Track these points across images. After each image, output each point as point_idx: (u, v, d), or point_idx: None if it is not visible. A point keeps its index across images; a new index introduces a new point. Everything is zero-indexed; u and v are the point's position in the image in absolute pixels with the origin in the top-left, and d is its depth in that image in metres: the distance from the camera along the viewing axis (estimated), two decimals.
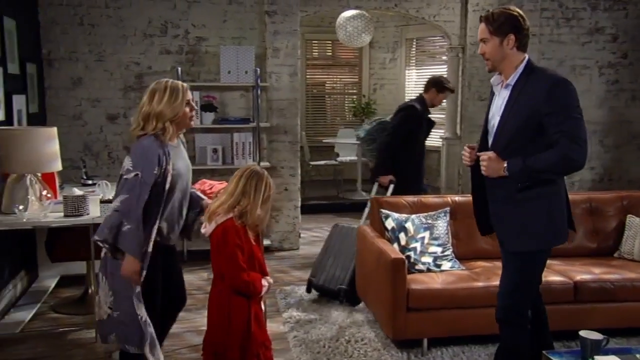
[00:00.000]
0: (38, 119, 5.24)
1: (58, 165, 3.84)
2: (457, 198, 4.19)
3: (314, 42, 10.05)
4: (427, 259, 3.80)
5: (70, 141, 5.58)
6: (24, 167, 3.68)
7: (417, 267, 3.77)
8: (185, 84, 2.97)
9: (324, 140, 8.93)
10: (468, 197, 4.14)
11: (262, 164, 5.72)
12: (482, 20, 2.74)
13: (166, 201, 2.85)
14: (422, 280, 3.60)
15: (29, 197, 3.78)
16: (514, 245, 2.79)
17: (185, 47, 5.74)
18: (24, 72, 4.92)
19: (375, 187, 5.12)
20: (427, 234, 3.87)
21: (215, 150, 5.64)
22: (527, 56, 2.76)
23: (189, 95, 2.94)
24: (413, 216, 3.95)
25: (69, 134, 5.58)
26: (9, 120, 4.49)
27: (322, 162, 8.87)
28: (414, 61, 9.78)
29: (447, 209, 4.05)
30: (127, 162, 2.80)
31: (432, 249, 3.84)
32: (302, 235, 6.50)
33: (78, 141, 5.62)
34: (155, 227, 2.81)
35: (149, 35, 5.66)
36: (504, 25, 2.68)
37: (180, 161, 2.95)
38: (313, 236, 6.68)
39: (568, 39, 6.51)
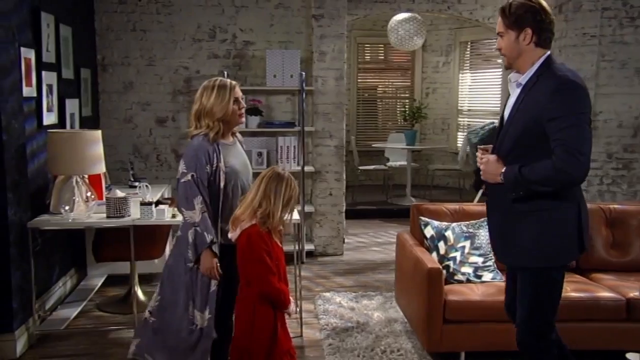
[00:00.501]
0: (91, 122, 5.40)
1: (102, 168, 3.94)
2: None
3: (366, 45, 9.99)
4: (467, 270, 3.68)
5: (120, 144, 5.74)
6: (69, 169, 3.79)
7: (456, 278, 3.65)
8: (234, 82, 3.00)
9: (373, 145, 8.84)
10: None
11: (306, 168, 5.71)
12: (499, 13, 2.54)
13: (224, 200, 2.89)
14: (460, 291, 3.49)
15: (74, 198, 3.89)
16: (508, 260, 2.64)
17: (233, 51, 5.80)
18: (78, 77, 5.09)
19: (479, 195, 4.99)
20: (467, 243, 3.75)
21: (260, 154, 5.67)
22: (547, 53, 2.51)
23: (238, 92, 2.97)
24: (454, 224, 3.84)
25: (119, 137, 5.74)
26: (61, 123, 4.65)
27: (372, 167, 8.79)
28: (468, 65, 9.57)
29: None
30: (181, 166, 2.86)
31: (472, 259, 3.72)
32: (347, 240, 6.45)
33: (128, 144, 5.76)
34: (218, 227, 2.86)
35: (198, 40, 5.75)
36: (521, 18, 2.45)
37: (234, 159, 2.98)
38: (359, 242, 6.62)
39: (632, 40, 6.19)
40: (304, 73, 5.58)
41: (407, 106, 9.19)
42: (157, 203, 4.00)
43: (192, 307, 2.90)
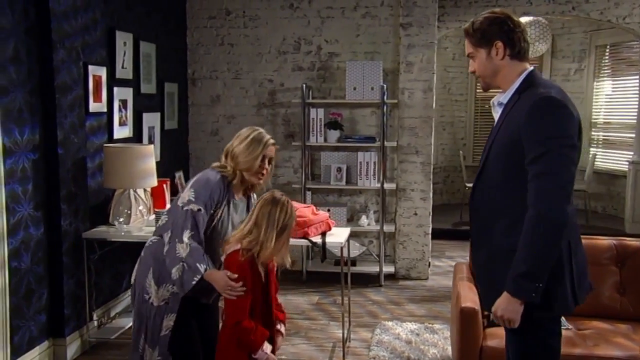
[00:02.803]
0: (176, 134, 5.58)
1: (153, 182, 3.99)
2: None
3: None
4: None
5: (207, 156, 5.86)
6: (119, 182, 3.89)
7: None
8: (271, 140, 2.80)
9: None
10: (593, 239, 3.45)
11: (387, 185, 5.41)
12: (464, 34, 2.23)
13: (207, 246, 2.68)
14: (503, 336, 3.01)
15: (127, 210, 3.99)
16: (489, 305, 2.16)
17: (317, 63, 5.68)
18: (162, 92, 5.27)
19: None
20: None
21: (339, 170, 5.47)
22: (529, 68, 2.18)
23: (270, 152, 2.78)
24: None
25: (206, 149, 5.87)
26: (138, 137, 4.84)
27: None
28: (607, 71, 8.57)
29: None
30: (189, 192, 2.66)
31: None
32: (437, 264, 6.04)
33: (214, 156, 5.80)
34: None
35: (283, 52, 5.71)
36: (488, 32, 2.15)
37: (236, 215, 2.80)
38: (451, 266, 6.15)
39: None
40: (385, 85, 5.29)
41: None
42: None
43: (143, 340, 2.74)
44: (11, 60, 3.43)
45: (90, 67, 4.06)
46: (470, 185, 8.00)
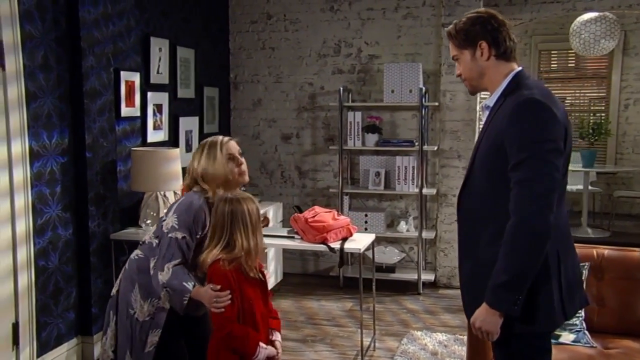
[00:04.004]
0: None
1: (178, 185, 4.04)
2: (606, 251, 3.21)
3: (552, 52, 8.93)
4: None
5: (248, 159, 5.82)
6: (143, 185, 3.97)
7: None
8: (226, 138, 2.71)
9: None
10: (626, 251, 3.19)
11: (426, 190, 5.25)
12: (447, 36, 2.15)
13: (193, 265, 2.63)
14: None
15: (153, 213, 4.06)
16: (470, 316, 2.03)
17: (357, 65, 5.59)
18: (201, 96, 5.36)
19: None
20: None
21: (377, 174, 5.35)
22: (516, 68, 2.06)
23: (232, 148, 2.70)
24: None
25: (247, 153, 5.81)
26: (174, 140, 4.94)
27: None
28: None
29: (588, 264, 3.13)
30: (173, 219, 2.59)
31: None
32: None
33: (256, 159, 5.90)
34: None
35: (323, 56, 5.66)
36: (471, 33, 2.05)
37: None
38: None
39: None
40: (424, 88, 5.14)
41: (586, 121, 7.94)
42: None
43: (128, 355, 2.69)
44: (40, 68, 3.57)
45: (122, 73, 4.17)
46: None
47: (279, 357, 2.53)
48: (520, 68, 2.08)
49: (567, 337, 2.95)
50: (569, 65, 9.01)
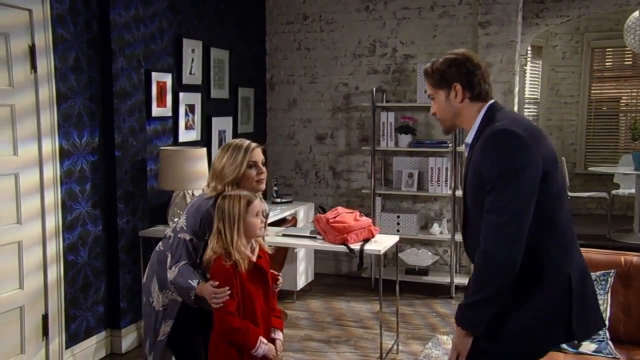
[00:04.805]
0: (250, 138, 5.68)
1: (204, 184, 4.09)
2: (635, 258, 3.04)
3: (607, 50, 8.57)
4: None
5: (283, 159, 5.94)
6: (169, 184, 4.05)
7: None
8: (253, 144, 2.75)
9: (589, 168, 7.54)
10: None
11: (459, 192, 5.13)
12: (424, 74, 2.17)
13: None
14: None
15: (179, 211, 4.13)
16: None
17: (392, 65, 5.54)
18: (235, 96, 5.43)
19: None
20: None
21: (410, 175, 5.28)
22: (488, 103, 2.07)
23: (256, 156, 2.71)
24: None
25: (282, 153, 5.94)
26: (207, 140, 5.02)
27: (585, 194, 7.45)
28: None
29: (613, 271, 2.98)
30: (183, 220, 2.67)
31: None
32: None
33: (290, 160, 5.93)
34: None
35: (358, 56, 5.63)
36: (446, 74, 2.07)
37: None
38: None
39: None
40: None
41: (639, 122, 7.58)
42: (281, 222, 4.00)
43: (148, 342, 2.78)
44: (72, 69, 3.71)
45: (154, 74, 4.28)
46: (574, 195, 7.34)
47: (278, 356, 2.54)
48: (492, 101, 2.08)
49: (588, 346, 2.83)
50: (625, 63, 8.63)
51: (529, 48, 8.01)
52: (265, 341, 2.46)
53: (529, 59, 8.14)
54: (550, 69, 8.44)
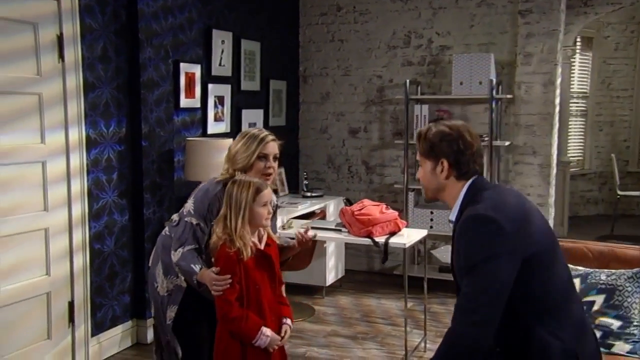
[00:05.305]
0: (282, 131, 5.62)
1: None
2: None
3: None
4: None
5: (316, 153, 5.86)
6: (193, 174, 4.02)
7: None
8: (270, 136, 2.69)
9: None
10: None
11: None
12: (416, 137, 2.11)
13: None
14: None
15: None
16: None
17: (428, 57, 5.39)
18: (267, 89, 5.38)
19: None
20: (600, 298, 2.73)
21: None
22: (470, 180, 2.00)
23: (269, 149, 2.66)
24: (589, 271, 2.85)
25: (315, 147, 5.87)
26: (236, 132, 4.97)
27: (635, 194, 7.12)
28: None
29: None
30: (190, 204, 2.64)
31: (603, 319, 2.70)
32: None
33: (323, 154, 5.85)
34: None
35: (392, 47, 5.51)
36: (436, 147, 2.00)
37: None
38: None
39: None
40: (494, 79, 4.85)
41: None
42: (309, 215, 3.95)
43: (160, 326, 2.77)
44: (99, 59, 3.73)
45: (182, 65, 4.27)
46: (625, 193, 7.07)
47: (284, 341, 2.47)
48: (474, 177, 2.00)
49: (621, 347, 2.65)
50: None
51: (578, 39, 7.71)
52: (268, 332, 2.38)
53: (577, 51, 7.83)
54: (602, 61, 8.09)
